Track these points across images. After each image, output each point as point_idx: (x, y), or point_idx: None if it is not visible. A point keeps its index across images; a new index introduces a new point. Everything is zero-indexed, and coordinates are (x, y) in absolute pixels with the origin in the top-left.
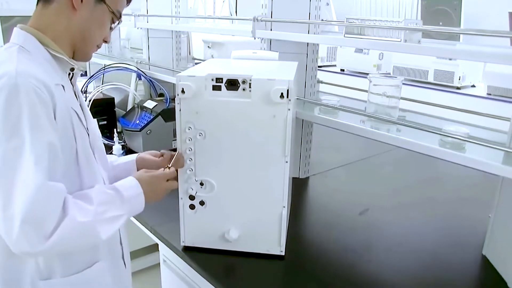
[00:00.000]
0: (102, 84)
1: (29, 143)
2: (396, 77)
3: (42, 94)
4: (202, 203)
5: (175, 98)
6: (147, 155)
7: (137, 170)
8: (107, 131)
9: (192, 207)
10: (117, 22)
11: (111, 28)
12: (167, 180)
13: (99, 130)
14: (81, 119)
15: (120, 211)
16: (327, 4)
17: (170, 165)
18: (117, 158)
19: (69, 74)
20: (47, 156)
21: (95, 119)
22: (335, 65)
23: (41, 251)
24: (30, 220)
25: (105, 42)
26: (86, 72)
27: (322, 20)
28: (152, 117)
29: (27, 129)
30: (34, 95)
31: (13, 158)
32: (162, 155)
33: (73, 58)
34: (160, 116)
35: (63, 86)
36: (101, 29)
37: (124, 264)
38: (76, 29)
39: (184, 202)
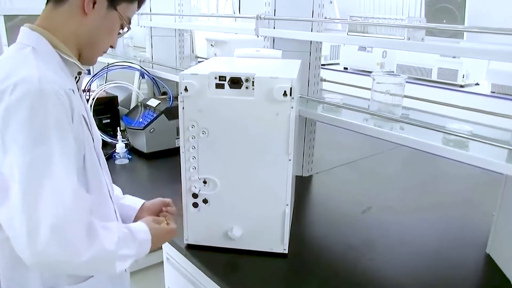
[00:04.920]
0: (105, 82)
1: (58, 150)
2: (399, 75)
3: (63, 99)
4: (205, 201)
5: (178, 96)
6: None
7: (142, 210)
8: (110, 130)
9: (195, 205)
10: (126, 29)
11: (119, 34)
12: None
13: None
14: (88, 123)
15: (132, 251)
16: (330, 2)
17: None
18: (123, 196)
19: (76, 77)
20: (74, 162)
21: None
22: (338, 63)
23: (68, 262)
24: (61, 228)
25: (112, 47)
26: (89, 70)
27: (325, 18)
28: (155, 115)
29: (54, 135)
30: (58, 101)
31: (41, 165)
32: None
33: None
34: (163, 114)
35: (73, 91)
36: (109, 36)
37: None
38: (85, 34)
39: (187, 200)
